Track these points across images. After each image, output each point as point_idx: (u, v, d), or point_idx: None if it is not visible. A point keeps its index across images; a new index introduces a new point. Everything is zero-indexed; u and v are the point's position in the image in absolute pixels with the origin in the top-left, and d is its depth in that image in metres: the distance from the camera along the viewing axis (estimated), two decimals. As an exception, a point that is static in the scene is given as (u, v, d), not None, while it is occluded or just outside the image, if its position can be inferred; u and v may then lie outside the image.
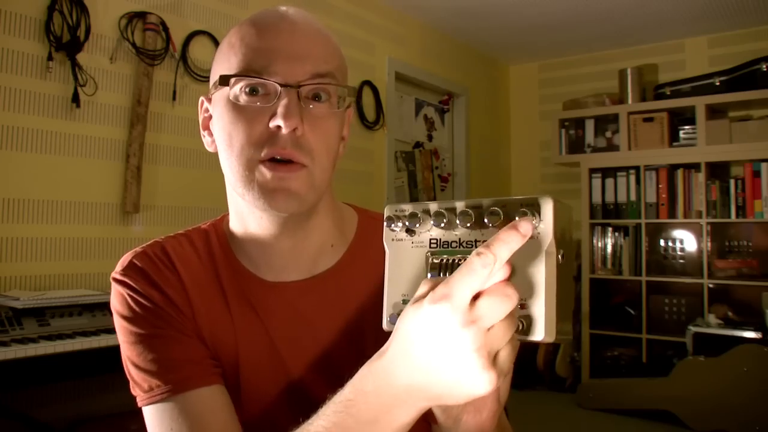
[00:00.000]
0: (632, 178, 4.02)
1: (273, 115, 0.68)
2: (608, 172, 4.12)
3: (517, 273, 0.51)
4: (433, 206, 0.56)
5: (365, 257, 0.79)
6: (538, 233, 0.51)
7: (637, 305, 3.96)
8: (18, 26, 2.10)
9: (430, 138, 4.21)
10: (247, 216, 0.76)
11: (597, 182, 4.14)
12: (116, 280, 0.77)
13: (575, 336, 4.17)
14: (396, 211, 0.57)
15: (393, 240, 0.58)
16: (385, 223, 0.57)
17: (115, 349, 1.86)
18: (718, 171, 3.89)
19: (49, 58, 2.14)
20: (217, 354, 0.74)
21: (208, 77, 0.78)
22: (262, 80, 0.68)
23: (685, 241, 4.00)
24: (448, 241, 0.55)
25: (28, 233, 2.12)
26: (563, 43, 4.38)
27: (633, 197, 4.01)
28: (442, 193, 4.30)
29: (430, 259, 0.55)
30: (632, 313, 4.00)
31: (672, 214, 3.89)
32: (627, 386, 3.61)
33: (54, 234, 2.19)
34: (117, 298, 0.76)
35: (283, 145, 0.68)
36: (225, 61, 0.72)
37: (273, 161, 0.68)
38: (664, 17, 3.82)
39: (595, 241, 4.14)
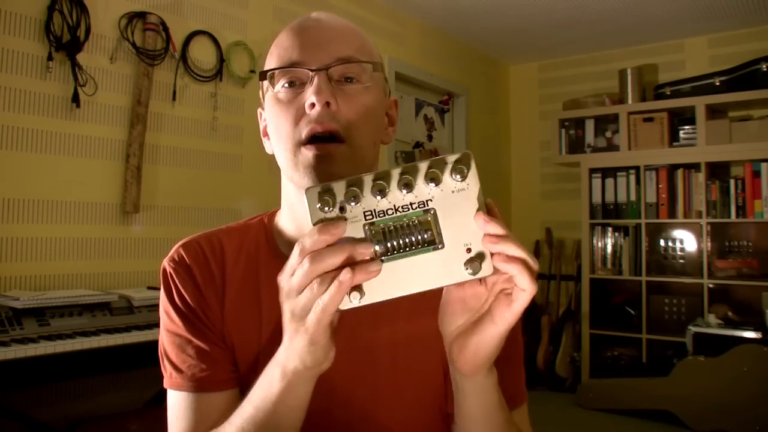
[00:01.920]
0: (632, 178, 4.02)
1: (308, 96, 0.73)
2: (608, 172, 4.12)
3: (458, 223, 0.57)
4: (366, 178, 0.58)
5: None
6: (468, 185, 0.58)
7: (637, 305, 3.96)
8: (18, 26, 2.10)
9: (430, 138, 4.21)
10: (297, 206, 0.80)
11: (597, 182, 4.14)
12: (164, 271, 0.82)
13: (575, 336, 4.18)
14: (321, 189, 0.57)
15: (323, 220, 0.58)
16: (308, 206, 0.57)
17: (115, 349, 1.84)
18: (718, 171, 3.89)
19: (49, 58, 2.14)
20: (238, 348, 0.79)
21: (208, 77, 0.82)
22: (294, 69, 0.75)
23: (685, 241, 4.00)
24: (383, 210, 0.57)
25: (28, 233, 2.12)
26: (563, 43, 4.38)
27: (633, 197, 4.01)
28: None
29: (367, 231, 0.57)
30: (632, 313, 4.01)
31: (672, 214, 3.89)
32: (627, 386, 3.61)
33: (54, 234, 2.19)
34: (163, 288, 0.82)
35: (320, 120, 0.72)
36: (266, 65, 0.80)
37: (313, 141, 0.73)
38: (664, 17, 3.82)
39: (595, 241, 4.14)
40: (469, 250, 0.57)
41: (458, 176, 0.57)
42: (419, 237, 0.57)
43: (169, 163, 2.56)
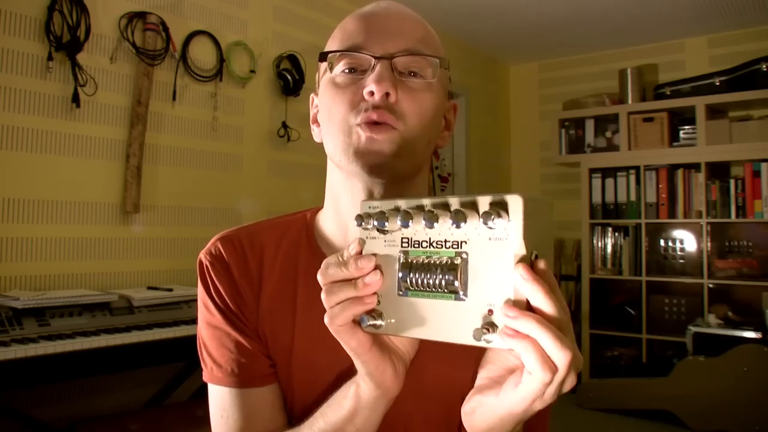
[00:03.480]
0: (632, 178, 4.02)
1: (368, 82, 0.71)
2: (608, 172, 4.12)
3: (485, 277, 0.50)
4: (402, 204, 0.55)
5: None
6: (506, 235, 0.49)
7: (637, 305, 3.96)
8: (18, 26, 2.10)
9: (430, 138, 4.21)
10: (343, 197, 0.77)
11: (597, 182, 4.14)
12: (201, 264, 0.81)
13: (576, 335, 4.17)
14: (369, 208, 0.57)
15: (367, 238, 0.58)
16: (355, 222, 0.58)
17: (115, 349, 1.86)
18: (718, 171, 3.89)
19: (49, 58, 2.14)
20: (271, 345, 0.78)
21: (208, 77, 0.81)
22: (357, 54, 0.72)
23: (685, 241, 4.00)
24: (419, 241, 0.54)
25: (28, 233, 2.12)
26: (563, 43, 4.38)
27: (633, 197, 4.01)
28: (442, 193, 4.29)
29: (401, 259, 0.55)
30: (632, 313, 4.01)
31: (672, 214, 3.89)
32: (627, 386, 3.61)
33: (54, 234, 2.19)
34: (200, 281, 0.81)
35: (377, 107, 0.70)
36: (328, 48, 0.77)
37: (368, 124, 0.70)
38: (664, 17, 3.82)
39: (595, 241, 4.14)
40: (490, 312, 0.50)
41: (495, 222, 0.49)
42: (443, 280, 0.52)
43: (169, 163, 2.56)
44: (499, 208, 0.49)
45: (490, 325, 0.49)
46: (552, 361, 0.50)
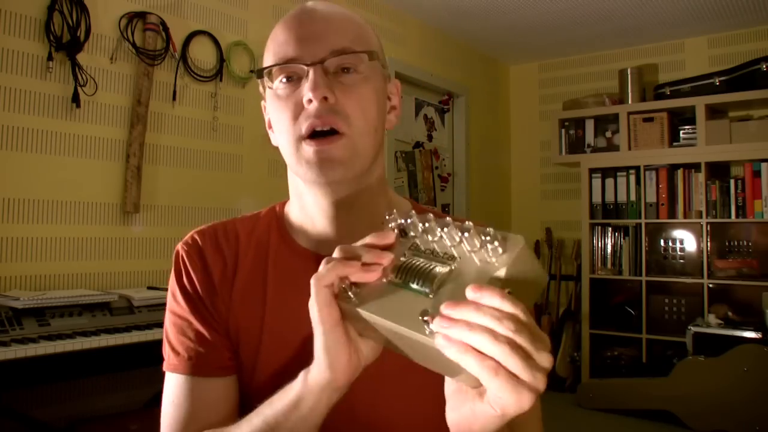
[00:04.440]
0: (632, 178, 4.02)
1: (305, 91, 0.74)
2: (608, 172, 4.12)
3: (459, 288, 0.52)
4: (430, 218, 0.59)
5: None
6: (495, 263, 0.53)
7: (637, 305, 3.96)
8: (18, 26, 2.10)
9: (430, 138, 4.21)
10: (305, 196, 0.81)
11: (597, 182, 4.14)
12: (177, 254, 0.83)
13: (575, 335, 4.18)
14: (406, 220, 0.61)
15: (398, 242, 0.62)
16: (397, 230, 0.62)
17: (115, 349, 1.85)
18: (718, 171, 3.89)
19: (49, 58, 2.14)
20: (243, 331, 0.80)
21: (208, 77, 0.83)
22: (289, 65, 0.75)
23: (685, 241, 4.00)
24: (425, 249, 0.59)
25: (28, 233, 2.12)
26: (563, 43, 4.38)
27: (633, 197, 4.01)
28: (442, 193, 4.30)
29: (405, 256, 0.59)
30: (632, 313, 4.01)
31: (672, 214, 3.89)
32: (627, 386, 3.61)
33: (54, 234, 2.19)
34: (173, 270, 0.83)
35: (318, 114, 0.72)
36: (263, 62, 0.80)
37: (314, 136, 0.73)
38: (664, 17, 3.82)
39: (595, 241, 4.14)
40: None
41: (492, 251, 0.53)
42: (422, 280, 0.56)
43: (169, 163, 2.56)
44: (501, 239, 0.53)
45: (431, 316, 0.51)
46: (498, 364, 0.47)
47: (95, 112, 2.31)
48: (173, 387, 0.78)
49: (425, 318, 0.50)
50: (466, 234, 0.54)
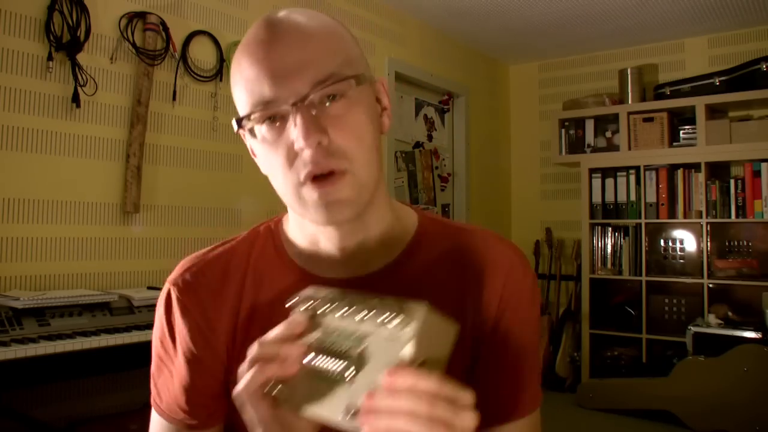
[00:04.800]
0: (632, 178, 4.02)
1: (295, 138, 0.67)
2: (608, 172, 4.12)
3: (374, 370, 0.55)
4: (337, 298, 0.62)
5: (424, 257, 0.78)
6: (400, 338, 0.54)
7: (637, 305, 3.96)
8: (18, 26, 2.10)
9: (430, 138, 4.21)
10: (308, 225, 0.77)
11: (597, 182, 4.14)
12: (168, 293, 0.80)
13: (575, 336, 4.18)
14: (310, 293, 0.64)
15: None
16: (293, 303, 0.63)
17: (115, 349, 1.85)
18: (718, 171, 3.89)
19: (49, 58, 2.14)
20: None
21: (208, 77, 0.80)
22: (270, 111, 0.68)
23: (685, 241, 4.00)
24: (338, 328, 0.60)
25: (28, 233, 2.12)
26: (563, 43, 4.38)
27: (633, 197, 4.01)
28: (442, 193, 4.30)
29: (314, 340, 0.61)
30: (632, 313, 4.01)
31: (672, 214, 3.89)
32: (627, 386, 3.61)
33: (54, 234, 2.19)
34: (158, 308, 0.81)
35: (316, 161, 0.67)
36: (238, 101, 0.72)
37: (314, 179, 0.68)
38: (664, 17, 3.82)
39: (595, 241, 4.14)
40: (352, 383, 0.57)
41: (394, 323, 0.56)
42: (340, 364, 0.58)
43: (169, 163, 2.56)
44: (404, 311, 0.56)
45: (344, 394, 0.55)
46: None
47: (95, 112, 2.31)
48: (152, 421, 0.82)
49: (352, 412, 0.54)
50: (370, 313, 0.58)
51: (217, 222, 2.68)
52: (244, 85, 0.69)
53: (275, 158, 0.69)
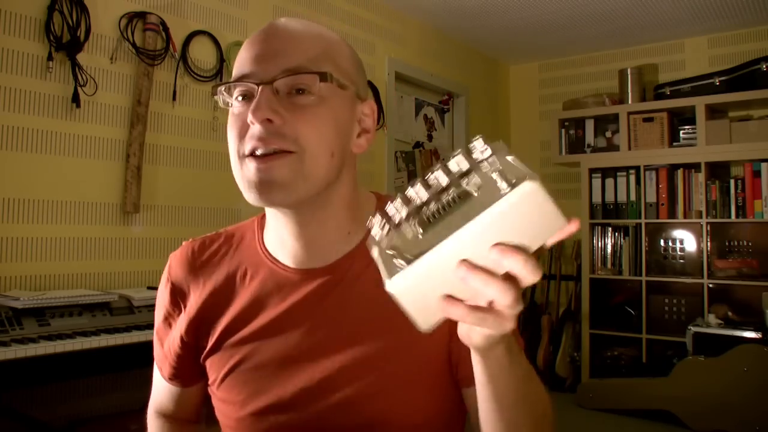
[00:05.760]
0: (632, 178, 4.02)
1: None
2: (608, 172, 4.12)
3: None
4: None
5: None
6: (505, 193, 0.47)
7: (637, 305, 3.96)
8: (18, 26, 2.10)
9: (430, 138, 4.22)
10: (270, 211, 0.83)
11: (597, 182, 4.14)
12: (168, 265, 0.91)
13: (575, 335, 4.18)
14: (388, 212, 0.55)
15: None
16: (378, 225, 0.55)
17: (115, 349, 1.87)
18: (718, 171, 3.89)
19: (49, 58, 2.14)
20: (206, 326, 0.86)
21: (208, 77, 0.84)
22: (241, 83, 0.73)
23: (685, 241, 4.00)
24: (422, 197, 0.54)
25: (28, 233, 2.12)
26: (563, 43, 4.38)
27: (633, 197, 4.01)
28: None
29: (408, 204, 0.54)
30: (632, 313, 4.00)
31: (672, 214, 3.89)
32: (627, 386, 3.61)
33: (54, 234, 2.19)
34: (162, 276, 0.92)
35: (260, 137, 0.70)
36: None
37: (257, 156, 0.71)
38: (664, 17, 3.82)
39: (595, 241, 4.14)
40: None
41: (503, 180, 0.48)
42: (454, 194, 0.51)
43: (169, 163, 2.56)
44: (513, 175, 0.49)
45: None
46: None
47: (95, 112, 2.31)
48: (155, 371, 0.95)
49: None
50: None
51: (217, 222, 2.67)
52: (236, 65, 0.77)
53: (232, 131, 0.74)
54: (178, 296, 0.87)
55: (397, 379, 0.77)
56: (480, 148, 0.53)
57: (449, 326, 0.76)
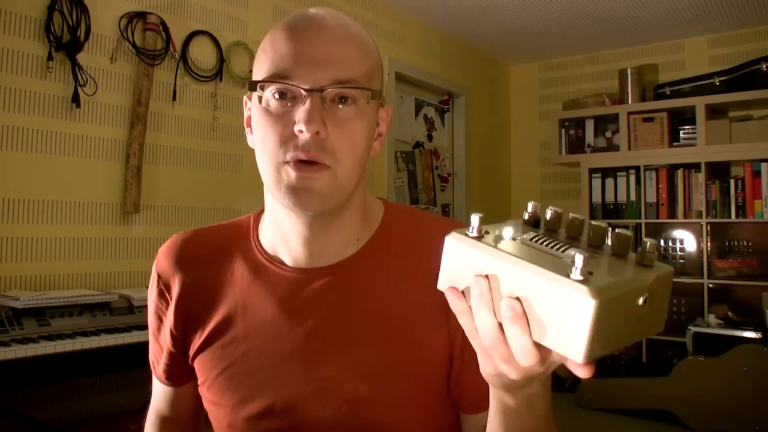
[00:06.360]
0: (632, 178, 4.02)
1: (298, 119, 0.70)
2: (608, 172, 4.12)
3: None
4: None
5: (385, 249, 0.81)
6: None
7: (637, 305, 3.95)
8: (18, 26, 2.10)
9: (430, 138, 4.21)
10: (279, 212, 0.79)
11: (597, 182, 4.14)
12: (156, 258, 0.89)
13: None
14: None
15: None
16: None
17: (115, 349, 1.87)
18: (718, 171, 3.89)
19: (49, 58, 2.14)
20: (190, 330, 0.86)
21: (208, 77, 0.82)
22: (287, 85, 0.71)
23: (685, 241, 4.00)
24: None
25: (28, 233, 2.12)
26: (563, 43, 4.38)
27: (633, 197, 4.01)
28: (442, 193, 4.30)
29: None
30: (632, 313, 4.00)
31: (672, 214, 3.89)
32: (627, 386, 3.61)
33: (54, 234, 2.19)
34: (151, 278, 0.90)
35: (307, 148, 0.70)
36: (258, 66, 0.75)
37: (298, 162, 0.70)
38: (664, 17, 3.82)
39: (595, 241, 4.13)
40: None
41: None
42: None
43: (169, 163, 2.56)
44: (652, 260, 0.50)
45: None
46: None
47: (95, 112, 2.31)
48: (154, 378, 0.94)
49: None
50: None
51: (217, 222, 2.67)
52: (272, 56, 0.73)
53: (272, 131, 0.72)
54: (164, 288, 0.85)
55: (394, 386, 0.76)
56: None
57: (448, 340, 0.76)
